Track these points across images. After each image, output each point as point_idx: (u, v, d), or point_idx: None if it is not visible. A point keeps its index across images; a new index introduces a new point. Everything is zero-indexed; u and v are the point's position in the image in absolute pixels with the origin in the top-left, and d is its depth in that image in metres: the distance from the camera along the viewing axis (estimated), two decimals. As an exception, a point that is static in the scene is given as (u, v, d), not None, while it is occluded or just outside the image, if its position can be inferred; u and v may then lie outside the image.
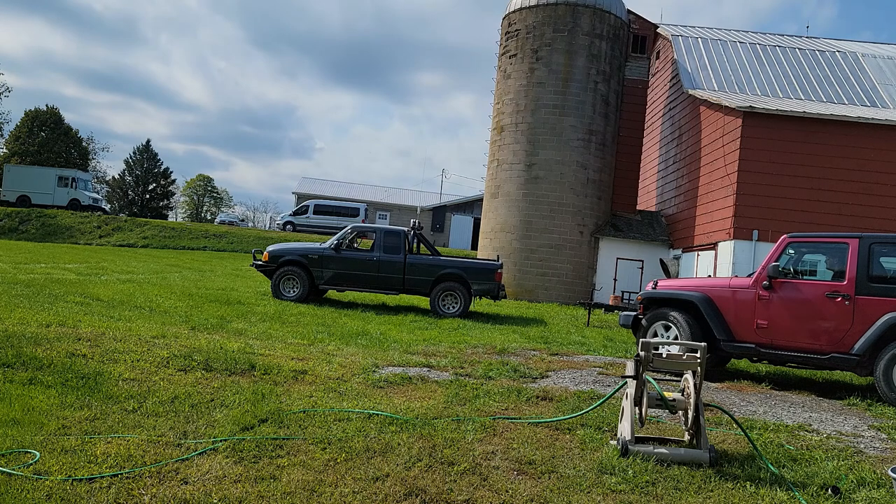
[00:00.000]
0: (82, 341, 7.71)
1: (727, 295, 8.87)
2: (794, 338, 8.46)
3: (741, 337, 8.76)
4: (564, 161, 24.28)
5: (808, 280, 8.62)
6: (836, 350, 8.21)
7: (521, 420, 6.02)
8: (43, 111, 59.30)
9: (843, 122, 19.28)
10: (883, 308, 7.98)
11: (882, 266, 8.17)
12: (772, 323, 8.58)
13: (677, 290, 9.28)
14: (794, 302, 8.48)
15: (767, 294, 8.61)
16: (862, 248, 8.27)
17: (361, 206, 41.94)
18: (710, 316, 8.79)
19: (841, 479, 4.92)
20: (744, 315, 8.72)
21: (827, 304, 8.27)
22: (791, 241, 8.89)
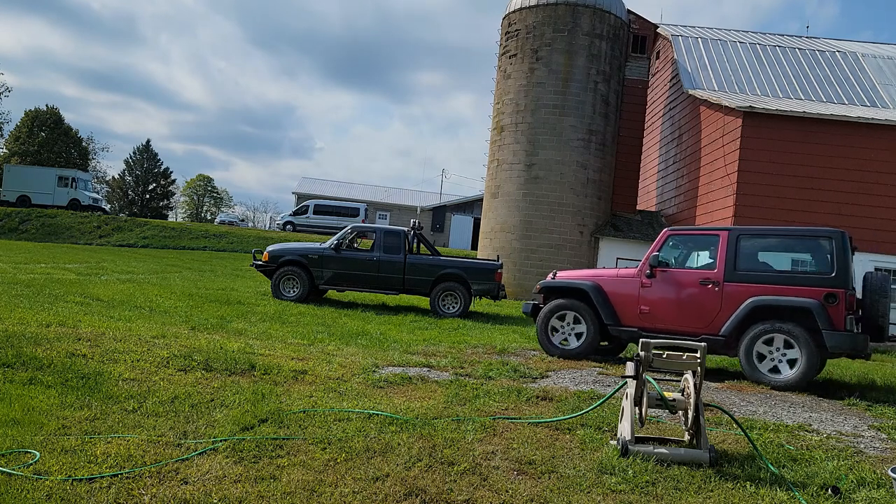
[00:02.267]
0: (82, 341, 7.71)
1: (615, 284, 9.57)
2: (671, 321, 9.14)
3: (627, 322, 9.46)
4: (564, 161, 24.27)
5: (684, 269, 9.34)
6: (708, 332, 8.89)
7: (521, 420, 6.02)
8: (43, 111, 59.32)
9: (843, 122, 19.28)
10: (747, 293, 8.68)
11: (747, 256, 8.91)
12: (653, 308, 9.28)
13: (572, 280, 9.90)
14: (672, 289, 9.21)
15: (649, 282, 9.30)
16: (730, 239, 8.99)
17: (361, 206, 41.94)
18: (599, 303, 9.47)
19: (841, 479, 4.92)
20: (629, 302, 9.43)
21: (700, 291, 9.00)
22: (671, 233, 9.60)
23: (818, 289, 8.43)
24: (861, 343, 8.38)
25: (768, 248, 9.26)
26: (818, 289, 8.43)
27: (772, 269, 9.02)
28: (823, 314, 8.30)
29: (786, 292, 8.54)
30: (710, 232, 9.43)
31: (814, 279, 8.57)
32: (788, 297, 8.50)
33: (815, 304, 8.34)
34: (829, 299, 8.36)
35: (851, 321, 8.48)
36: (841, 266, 8.45)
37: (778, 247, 9.37)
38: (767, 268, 9.01)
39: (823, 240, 8.71)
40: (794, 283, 8.61)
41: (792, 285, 8.58)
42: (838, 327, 8.29)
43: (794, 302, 8.43)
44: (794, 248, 9.44)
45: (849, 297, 8.44)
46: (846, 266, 8.46)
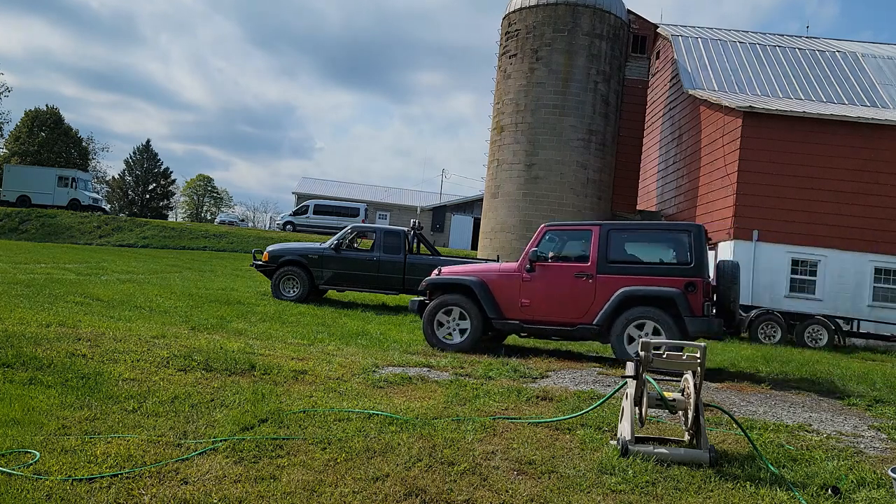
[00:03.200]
0: (82, 341, 7.71)
1: (497, 278, 9.88)
2: (550, 313, 9.58)
3: (509, 315, 9.77)
4: (564, 161, 24.28)
5: (561, 263, 9.73)
6: (583, 322, 9.41)
7: (521, 420, 6.02)
8: (43, 111, 59.33)
9: (843, 122, 19.28)
10: (617, 284, 9.24)
11: (617, 249, 9.50)
12: (533, 301, 9.65)
13: (457, 275, 10.16)
14: (550, 282, 9.63)
15: (529, 276, 9.68)
16: (602, 234, 9.52)
17: (361, 206, 41.93)
18: (482, 298, 9.75)
19: (841, 479, 4.92)
20: (511, 295, 9.75)
21: (575, 283, 9.49)
22: (548, 229, 9.98)
23: (679, 278, 9.07)
24: (716, 327, 9.10)
25: (636, 241, 9.86)
26: (679, 278, 9.07)
27: (639, 261, 9.57)
28: (684, 301, 8.97)
29: (652, 282, 9.16)
30: (583, 227, 9.91)
31: (675, 270, 9.19)
32: (654, 287, 9.11)
33: (677, 292, 8.99)
34: (689, 288, 9.03)
35: (708, 307, 9.16)
36: (698, 257, 9.12)
37: (644, 240, 9.91)
38: (635, 260, 9.58)
39: (683, 233, 9.33)
40: (659, 273, 9.25)
41: (657, 276, 9.22)
42: (697, 313, 8.97)
43: (659, 291, 9.06)
44: (659, 241, 9.86)
45: (705, 286, 9.15)
46: (703, 257, 9.14)
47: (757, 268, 19.15)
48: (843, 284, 19.08)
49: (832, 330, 15.84)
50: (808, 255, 19.19)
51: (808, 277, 19.22)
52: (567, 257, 9.81)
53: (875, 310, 18.90)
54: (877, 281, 19.10)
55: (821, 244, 19.09)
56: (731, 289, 9.31)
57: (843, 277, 19.08)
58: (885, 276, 19.11)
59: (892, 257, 19.02)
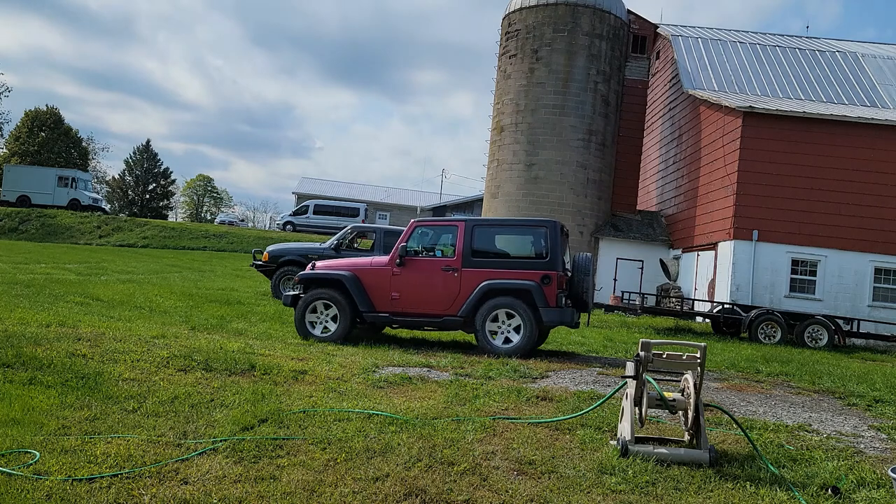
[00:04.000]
0: (82, 341, 7.71)
1: (369, 273, 10.19)
2: (418, 306, 9.96)
3: (380, 308, 10.08)
4: (564, 161, 24.28)
5: (429, 257, 10.12)
6: (449, 314, 9.81)
7: (521, 420, 6.02)
8: (43, 111, 59.33)
9: (843, 122, 19.28)
10: (481, 278, 9.68)
11: (480, 244, 9.95)
12: (402, 294, 9.99)
13: (330, 270, 10.41)
14: (418, 276, 10.00)
15: (399, 271, 10.02)
16: (467, 229, 9.94)
17: (361, 206, 41.94)
18: (354, 291, 10.04)
19: (841, 479, 4.92)
20: (382, 289, 10.07)
21: (442, 277, 9.89)
22: (418, 224, 10.33)
23: (536, 272, 9.60)
24: (568, 316, 9.70)
25: (499, 237, 10.28)
26: (536, 272, 9.60)
27: (501, 255, 10.06)
28: (540, 293, 9.51)
29: (511, 276, 9.67)
30: (450, 223, 10.30)
31: (533, 263, 9.71)
32: (513, 280, 9.62)
33: (533, 285, 9.53)
34: (545, 280, 9.57)
35: (561, 298, 9.71)
36: (554, 251, 9.67)
37: (507, 235, 10.36)
38: (497, 254, 10.06)
39: (540, 229, 9.85)
40: (518, 267, 9.77)
41: (516, 269, 9.74)
42: (551, 303, 9.53)
43: (518, 284, 9.56)
44: (519, 237, 10.30)
45: (560, 278, 9.66)
46: (558, 251, 9.68)
47: (757, 268, 19.15)
48: (843, 284, 19.08)
49: (832, 330, 15.85)
50: (808, 255, 19.19)
51: (808, 277, 19.22)
52: (435, 252, 10.20)
53: (875, 310, 18.92)
54: (877, 281, 19.11)
55: (821, 244, 19.10)
56: (585, 280, 9.98)
57: (843, 277, 19.09)
58: (885, 276, 19.12)
59: (892, 257, 19.03)
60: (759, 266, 19.16)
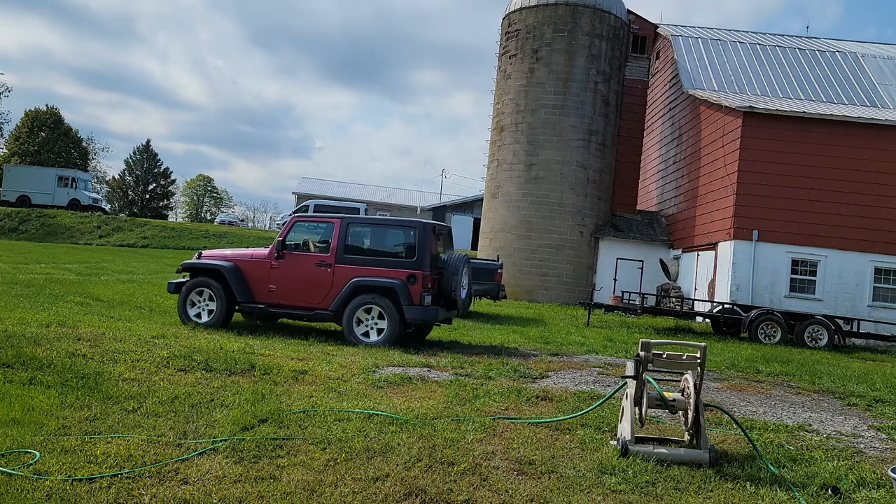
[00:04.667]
0: (82, 341, 7.71)
1: (249, 264, 10.51)
2: (293, 298, 10.26)
3: (258, 299, 10.41)
4: (564, 161, 24.28)
5: (305, 252, 10.42)
6: (321, 307, 10.12)
7: (521, 420, 6.02)
8: (43, 111, 59.32)
9: (843, 122, 19.28)
10: (351, 274, 9.99)
11: (354, 241, 10.31)
12: (279, 286, 10.32)
13: (212, 260, 10.70)
14: (295, 270, 10.31)
15: (277, 264, 10.34)
16: (342, 226, 10.24)
17: (361, 206, 41.85)
18: (233, 282, 10.37)
19: (841, 479, 4.92)
20: (260, 281, 10.42)
21: (317, 272, 10.19)
22: (298, 220, 10.71)
23: (403, 270, 9.89)
24: (432, 314, 9.90)
25: (371, 235, 10.58)
26: (403, 270, 9.89)
27: (372, 253, 10.31)
28: (405, 291, 9.77)
29: (380, 273, 9.97)
30: (327, 219, 10.60)
31: (401, 262, 10.01)
32: (380, 278, 9.91)
33: (398, 283, 9.80)
34: (410, 279, 9.85)
35: (426, 297, 9.89)
36: (421, 252, 9.94)
37: (379, 234, 10.61)
38: (369, 252, 10.32)
39: (409, 229, 10.15)
40: (387, 265, 10.04)
41: (385, 267, 10.01)
42: (415, 302, 9.80)
43: (384, 282, 9.86)
44: (390, 236, 10.55)
45: (426, 277, 9.91)
46: (426, 251, 9.94)
47: (757, 268, 19.15)
48: (843, 284, 19.08)
49: (832, 330, 15.84)
50: (808, 255, 19.19)
51: (808, 277, 19.22)
52: (311, 247, 10.54)
53: (875, 310, 18.91)
54: (877, 281, 19.11)
55: (821, 244, 19.10)
56: (453, 279, 10.25)
57: (843, 277, 19.09)
58: (885, 276, 19.12)
59: (892, 257, 19.02)
60: (759, 266, 19.16)
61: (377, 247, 10.39)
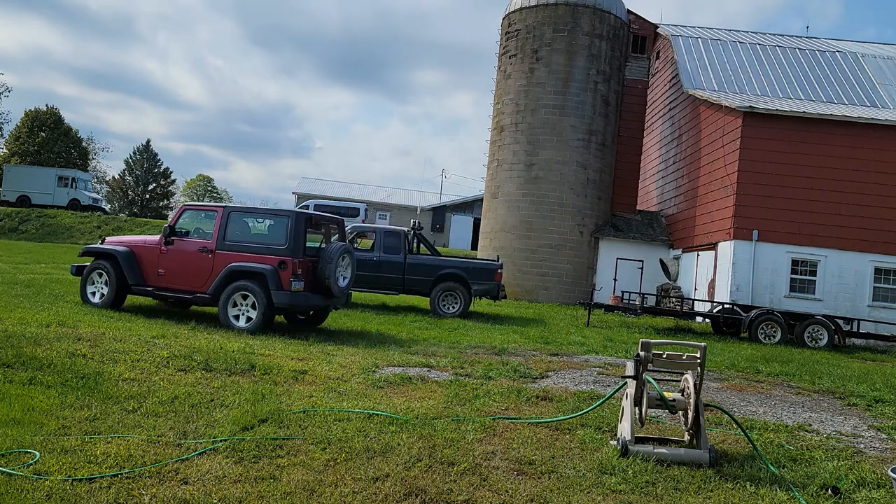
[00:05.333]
0: (82, 341, 7.71)
1: (142, 250, 11.14)
2: (178, 282, 10.79)
3: (148, 282, 11.01)
4: (564, 161, 24.28)
5: (191, 239, 10.93)
6: (201, 291, 10.59)
7: (521, 420, 6.02)
8: (43, 111, 59.30)
9: (843, 122, 19.28)
10: (229, 259, 10.44)
11: (235, 229, 10.74)
12: (167, 271, 10.87)
13: (110, 245, 11.35)
14: (181, 255, 10.82)
15: (166, 249, 10.91)
16: (224, 215, 10.72)
17: (361, 206, 41.90)
18: (125, 266, 11.00)
19: (841, 479, 4.92)
20: (151, 265, 11.01)
21: (199, 257, 10.66)
22: (186, 208, 11.28)
23: (275, 257, 10.28)
24: (301, 300, 10.34)
25: (251, 223, 11.09)
26: (275, 257, 10.28)
27: (250, 241, 10.72)
28: (275, 277, 10.14)
29: (254, 259, 10.38)
30: (212, 208, 11.10)
31: (274, 249, 10.39)
32: (253, 264, 10.31)
33: (269, 269, 10.19)
34: (281, 265, 10.22)
35: (294, 283, 10.25)
36: (293, 239, 10.34)
37: (258, 223, 11.17)
38: (248, 240, 10.72)
39: (284, 218, 10.59)
40: (262, 252, 10.45)
41: (260, 254, 10.43)
42: (284, 287, 10.15)
43: (256, 267, 10.27)
44: (266, 224, 11.09)
45: (296, 264, 10.28)
46: (298, 239, 10.37)
47: (757, 268, 19.15)
48: (843, 284, 19.08)
49: (832, 330, 15.84)
50: (808, 255, 19.19)
51: (808, 277, 19.23)
52: (196, 234, 11.09)
53: (875, 310, 18.92)
54: (877, 281, 19.11)
55: (821, 244, 19.10)
56: (327, 268, 10.56)
57: (843, 277, 19.09)
58: (885, 276, 19.12)
59: (892, 257, 19.03)
60: (759, 266, 19.16)
61: (254, 235, 10.90)
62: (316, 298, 10.63)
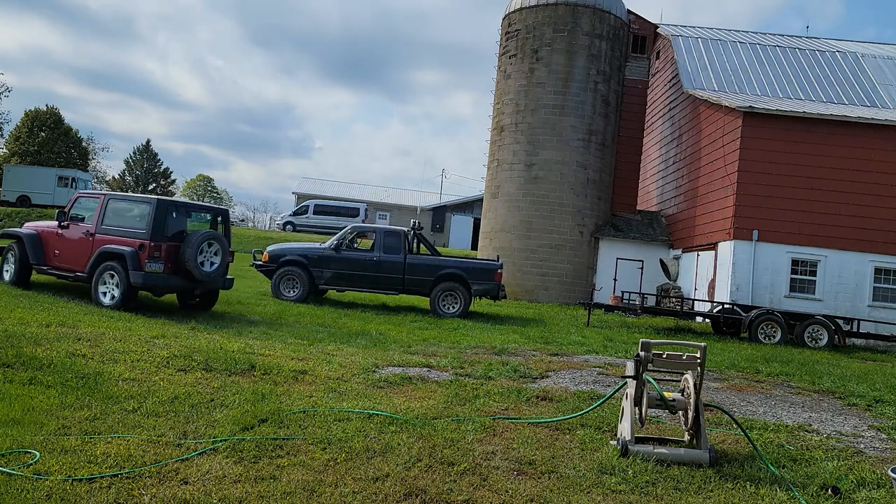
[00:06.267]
0: (82, 341, 7.71)
1: (45, 233, 12.44)
2: (68, 263, 12.01)
3: (47, 262, 12.29)
4: (564, 161, 24.28)
5: (79, 224, 12.05)
6: (80, 270, 11.75)
7: (521, 420, 6.02)
8: (43, 111, 59.29)
9: (843, 122, 19.28)
10: (103, 243, 11.55)
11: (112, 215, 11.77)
12: (61, 252, 12.14)
13: (18, 229, 12.73)
14: (71, 238, 12.08)
15: (62, 233, 12.16)
16: (104, 201, 11.89)
17: (361, 206, 41.93)
18: (29, 247, 12.34)
19: (841, 479, 4.92)
20: (50, 247, 12.33)
21: (83, 240, 11.87)
22: (80, 196, 12.50)
23: (137, 240, 11.27)
24: (157, 280, 11.28)
25: (123, 209, 11.92)
26: (137, 240, 11.27)
27: (121, 225, 11.66)
28: (134, 258, 11.12)
29: (121, 242, 11.41)
30: (97, 196, 12.28)
31: (137, 234, 11.40)
32: (117, 246, 11.33)
33: (129, 251, 11.19)
34: (141, 248, 11.19)
35: (151, 264, 11.19)
36: (153, 224, 11.30)
37: (128, 209, 11.94)
38: (119, 224, 11.68)
39: (146, 205, 11.60)
40: (129, 235, 11.47)
41: (128, 237, 11.44)
42: (140, 268, 11.12)
43: (118, 249, 11.29)
44: (136, 210, 11.83)
45: (151, 247, 11.22)
46: (159, 224, 11.35)
47: (757, 268, 19.15)
48: (843, 284, 19.08)
49: (832, 330, 15.84)
50: (808, 255, 19.19)
51: (808, 277, 19.22)
52: (84, 219, 12.08)
53: (875, 310, 18.91)
54: (877, 281, 19.11)
55: (821, 244, 19.09)
56: (187, 252, 11.38)
57: (843, 277, 19.08)
58: (885, 276, 19.11)
59: (892, 257, 19.02)
60: (759, 266, 19.16)
61: (125, 220, 11.75)
62: (176, 280, 11.51)
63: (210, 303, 12.78)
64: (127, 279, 11.07)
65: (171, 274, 11.42)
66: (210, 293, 12.64)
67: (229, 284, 12.63)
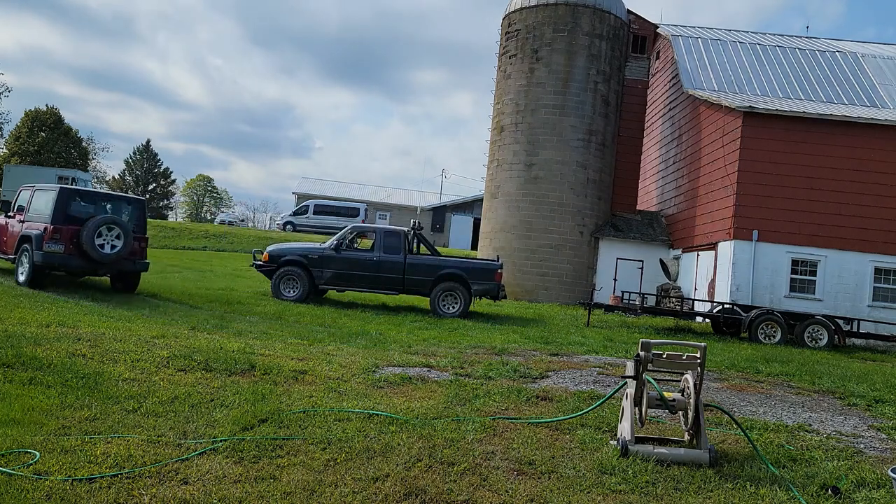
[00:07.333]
0: (82, 341, 7.71)
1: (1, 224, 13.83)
2: (8, 247, 13.35)
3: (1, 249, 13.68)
4: (564, 161, 24.28)
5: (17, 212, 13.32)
6: (10, 254, 13.18)
7: (521, 420, 6.02)
8: (43, 111, 59.32)
9: (843, 122, 19.28)
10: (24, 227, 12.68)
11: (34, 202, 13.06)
12: (7, 239, 13.37)
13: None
14: (12, 226, 13.33)
15: (6, 222, 13.64)
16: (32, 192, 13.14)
17: (361, 206, 41.94)
18: None
19: (841, 479, 4.92)
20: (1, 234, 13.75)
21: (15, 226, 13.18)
22: (22, 189, 13.76)
23: (44, 224, 12.33)
24: (56, 259, 12.27)
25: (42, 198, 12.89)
26: (44, 224, 12.33)
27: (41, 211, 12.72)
28: (38, 240, 12.19)
29: (35, 227, 12.50)
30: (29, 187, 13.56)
31: (43, 217, 12.52)
32: (31, 230, 12.47)
33: (35, 233, 12.28)
34: (45, 230, 12.25)
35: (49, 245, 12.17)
36: (55, 209, 12.39)
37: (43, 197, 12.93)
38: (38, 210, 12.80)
39: (52, 192, 12.70)
40: (41, 220, 12.51)
41: (39, 222, 12.50)
42: (40, 249, 12.14)
43: (30, 232, 12.36)
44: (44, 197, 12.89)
45: (53, 230, 12.24)
46: (59, 209, 12.41)
47: (757, 268, 19.15)
48: (843, 284, 19.08)
49: (832, 330, 15.83)
50: (808, 255, 19.19)
51: (808, 277, 19.22)
52: (22, 209, 13.28)
53: (875, 310, 18.91)
54: (877, 281, 19.10)
55: (821, 244, 19.09)
56: (84, 235, 12.28)
57: (843, 277, 19.08)
58: (885, 276, 19.11)
59: (892, 257, 19.02)
60: (759, 266, 19.16)
61: (41, 207, 12.80)
62: (76, 261, 12.48)
63: (131, 284, 13.88)
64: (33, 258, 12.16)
65: (70, 255, 12.36)
66: (127, 275, 13.67)
67: (143, 267, 13.73)
